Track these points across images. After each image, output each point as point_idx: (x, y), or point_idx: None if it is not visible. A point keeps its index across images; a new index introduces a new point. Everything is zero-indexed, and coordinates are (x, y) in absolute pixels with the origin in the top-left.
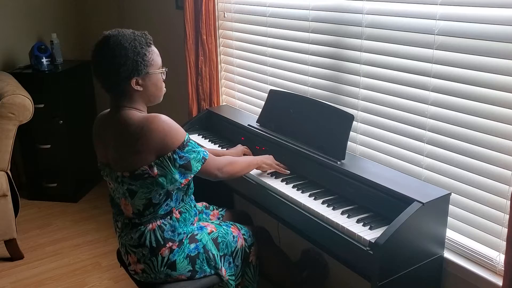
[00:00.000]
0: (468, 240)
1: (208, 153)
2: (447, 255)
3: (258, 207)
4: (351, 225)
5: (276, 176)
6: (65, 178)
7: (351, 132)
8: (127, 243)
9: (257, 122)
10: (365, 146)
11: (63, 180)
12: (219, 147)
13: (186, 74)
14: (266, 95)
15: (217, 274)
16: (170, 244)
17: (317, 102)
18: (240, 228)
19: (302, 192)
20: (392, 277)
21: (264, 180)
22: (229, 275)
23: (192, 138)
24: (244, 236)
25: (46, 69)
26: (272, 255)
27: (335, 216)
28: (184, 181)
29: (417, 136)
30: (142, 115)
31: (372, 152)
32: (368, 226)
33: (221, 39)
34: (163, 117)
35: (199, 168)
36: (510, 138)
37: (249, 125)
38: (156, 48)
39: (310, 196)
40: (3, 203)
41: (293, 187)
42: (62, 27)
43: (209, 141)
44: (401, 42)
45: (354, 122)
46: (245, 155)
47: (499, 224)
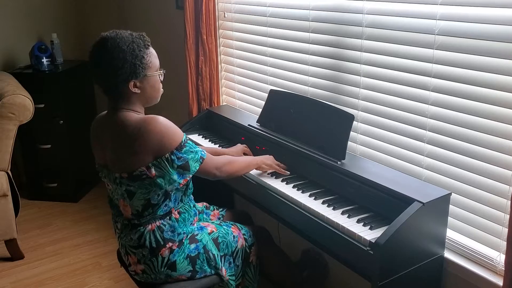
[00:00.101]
0: (469, 240)
1: (206, 153)
2: (448, 255)
3: (258, 207)
4: (352, 225)
5: (277, 176)
6: (65, 178)
7: (352, 132)
8: (127, 244)
9: (257, 122)
10: (366, 146)
11: (63, 180)
12: (219, 147)
13: (186, 74)
14: (266, 95)
15: (218, 274)
16: (170, 245)
17: (318, 102)
18: (241, 228)
19: (303, 192)
20: (393, 277)
21: (265, 180)
22: (230, 275)
23: (192, 138)
24: (245, 236)
25: (47, 69)
26: (273, 255)
27: (336, 216)
28: (183, 182)
29: (418, 136)
30: (140, 117)
31: (373, 152)
32: (369, 226)
33: (221, 39)
34: (160, 119)
35: (198, 168)
36: (511, 138)
37: (249, 125)
38: (156, 48)
39: (311, 196)
40: (4, 203)
41: (294, 187)
42: (62, 27)
43: (209, 141)
44: (402, 42)
45: (355, 122)
46: (245, 154)
47: (500, 224)
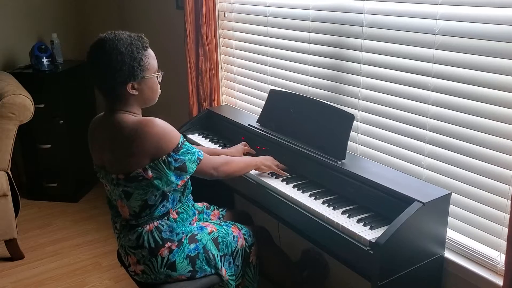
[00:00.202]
0: (469, 240)
1: (203, 153)
2: (448, 255)
3: (259, 207)
4: (352, 225)
5: (277, 176)
6: (65, 178)
7: (352, 132)
8: (126, 245)
9: (258, 122)
10: (366, 146)
11: (63, 180)
12: (219, 147)
13: (187, 74)
14: (267, 95)
15: (217, 274)
16: (169, 244)
17: (318, 102)
18: (241, 228)
19: (303, 192)
20: (393, 277)
21: (265, 180)
22: (229, 275)
23: (193, 138)
24: (245, 236)
25: (47, 69)
26: (273, 255)
27: (336, 216)
28: (180, 183)
29: (418, 136)
30: (137, 119)
31: (373, 152)
32: (369, 226)
33: (222, 39)
34: (157, 121)
35: (195, 169)
36: (511, 138)
37: (250, 125)
38: (156, 49)
39: (311, 196)
40: (4, 203)
41: (294, 187)
42: (62, 27)
43: (209, 141)
44: (402, 42)
45: (355, 122)
46: (246, 153)
47: (500, 224)
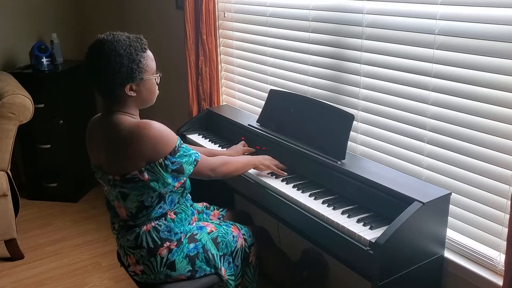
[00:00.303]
0: (469, 240)
1: (200, 155)
2: (448, 255)
3: (258, 207)
4: (352, 225)
5: (277, 176)
6: (65, 178)
7: (352, 132)
8: (125, 245)
9: (257, 122)
10: (366, 146)
11: (63, 180)
12: (219, 147)
13: (186, 74)
14: (266, 95)
15: (217, 274)
16: (168, 244)
17: (318, 102)
18: (240, 228)
19: (303, 192)
20: (393, 277)
21: (264, 180)
22: (229, 275)
23: (192, 138)
24: (244, 236)
25: (46, 69)
26: (272, 255)
27: (336, 216)
28: (177, 184)
29: (418, 136)
30: (134, 121)
31: (373, 152)
32: (369, 226)
33: (221, 39)
34: (154, 124)
35: (192, 171)
36: (511, 138)
37: (249, 125)
38: (156, 49)
39: (311, 196)
40: (3, 203)
41: (294, 187)
42: (62, 27)
43: (209, 141)
44: (402, 42)
45: (355, 122)
46: (245, 154)
47: (500, 224)
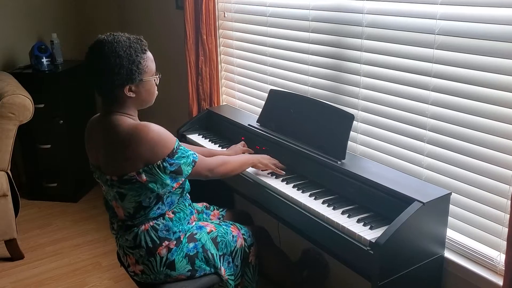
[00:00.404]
0: (469, 240)
1: (198, 155)
2: (448, 255)
3: (258, 207)
4: (352, 225)
5: (276, 176)
6: (65, 178)
7: (352, 132)
8: (124, 245)
9: (257, 122)
10: (366, 146)
11: (63, 180)
12: (219, 147)
13: (186, 74)
14: (266, 95)
15: (217, 274)
16: (167, 243)
17: (318, 102)
18: (240, 228)
19: (303, 192)
20: (393, 277)
21: (264, 180)
22: (229, 275)
23: (192, 138)
24: (244, 236)
25: (46, 69)
26: (272, 255)
27: (336, 216)
28: (176, 185)
29: (418, 136)
30: (133, 123)
31: (373, 152)
32: (369, 226)
33: (221, 39)
34: (152, 126)
35: (190, 171)
36: (511, 138)
37: (249, 125)
38: (156, 49)
39: (311, 196)
40: (3, 203)
41: (294, 187)
42: (62, 27)
43: (209, 141)
44: (402, 42)
45: (355, 122)
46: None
47: (500, 224)
